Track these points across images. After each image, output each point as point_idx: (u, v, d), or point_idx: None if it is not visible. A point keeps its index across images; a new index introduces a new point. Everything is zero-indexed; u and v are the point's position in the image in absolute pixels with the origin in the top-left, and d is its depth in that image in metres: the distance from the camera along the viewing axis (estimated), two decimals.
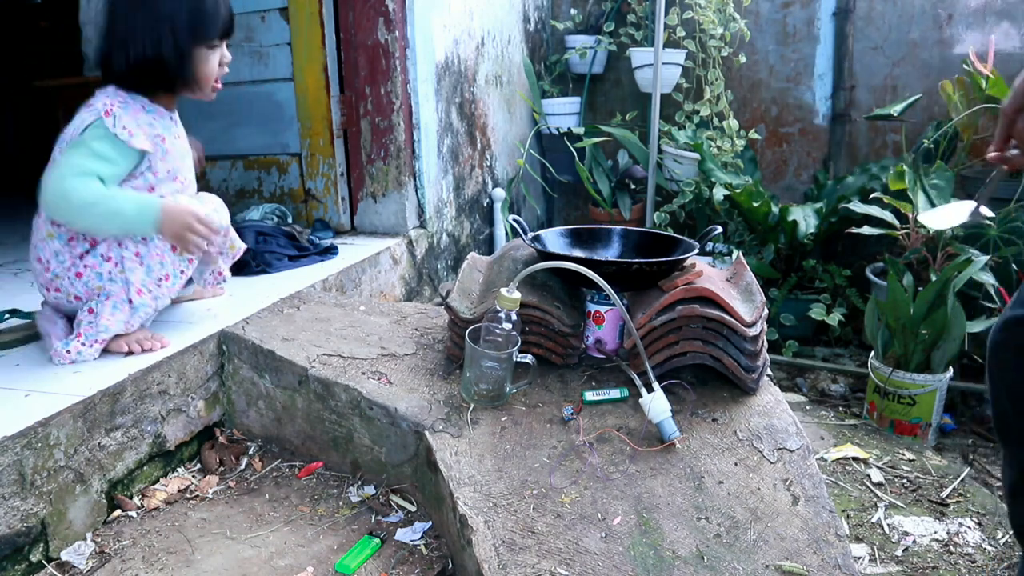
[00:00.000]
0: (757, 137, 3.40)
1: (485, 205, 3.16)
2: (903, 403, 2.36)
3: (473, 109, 2.98)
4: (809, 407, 2.49)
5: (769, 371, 1.53)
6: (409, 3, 2.44)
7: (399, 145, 2.51)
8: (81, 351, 1.50)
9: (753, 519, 1.15)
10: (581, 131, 3.36)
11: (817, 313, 2.78)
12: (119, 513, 1.38)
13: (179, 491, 1.47)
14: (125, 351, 1.52)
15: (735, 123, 3.24)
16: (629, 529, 1.15)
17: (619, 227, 1.78)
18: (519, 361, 1.41)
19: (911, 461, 2.01)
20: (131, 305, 1.52)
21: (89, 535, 1.32)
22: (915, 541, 1.63)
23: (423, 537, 1.34)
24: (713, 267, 1.68)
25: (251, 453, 1.62)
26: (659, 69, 2.90)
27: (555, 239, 1.72)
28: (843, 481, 1.89)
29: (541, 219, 3.75)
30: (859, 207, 2.81)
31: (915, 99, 2.95)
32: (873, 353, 2.47)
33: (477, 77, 2.99)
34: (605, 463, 1.28)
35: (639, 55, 3.35)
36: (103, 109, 1.46)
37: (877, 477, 1.91)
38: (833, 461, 1.99)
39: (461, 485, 1.24)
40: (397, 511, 1.42)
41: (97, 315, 1.50)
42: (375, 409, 1.46)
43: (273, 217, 2.51)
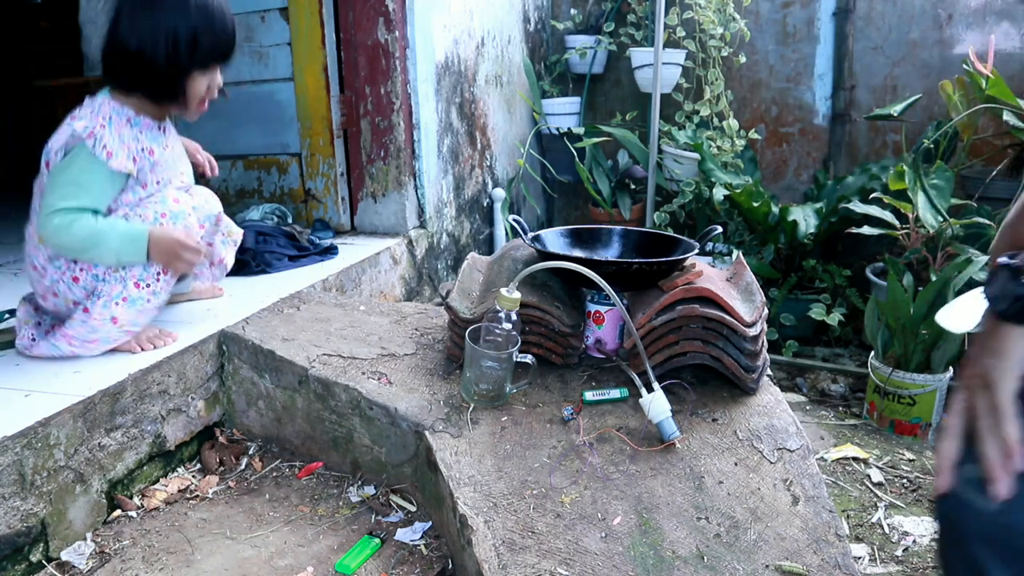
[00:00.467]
0: (757, 137, 3.40)
1: (485, 205, 3.16)
2: (903, 403, 2.36)
3: (473, 109, 2.97)
4: (809, 407, 2.49)
5: (769, 371, 1.53)
6: (409, 3, 2.44)
7: (399, 145, 2.51)
8: (59, 347, 1.49)
9: (753, 519, 1.15)
10: (581, 131, 3.36)
11: (817, 313, 2.78)
12: (119, 513, 1.38)
13: (179, 491, 1.47)
14: (137, 350, 1.53)
15: (735, 123, 3.24)
16: (629, 529, 1.15)
17: (619, 227, 1.78)
18: (519, 361, 1.41)
19: (911, 461, 2.01)
20: (126, 301, 1.52)
21: (89, 535, 1.32)
22: (915, 541, 1.63)
23: (423, 537, 1.34)
24: (713, 267, 1.68)
25: (251, 453, 1.62)
26: (659, 69, 2.90)
27: (555, 239, 1.72)
28: (843, 481, 1.89)
29: (541, 219, 3.75)
30: (859, 207, 2.81)
31: (915, 99, 2.95)
32: (873, 353, 2.47)
33: (477, 77, 2.99)
34: (605, 463, 1.28)
35: (639, 55, 3.35)
36: (85, 132, 1.45)
37: (877, 477, 1.91)
38: (833, 461, 2.00)
39: (461, 485, 1.24)
40: (397, 511, 1.42)
41: (90, 315, 1.50)
42: (375, 409, 1.46)
43: (273, 217, 2.51)
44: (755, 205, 2.94)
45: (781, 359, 2.83)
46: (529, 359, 1.42)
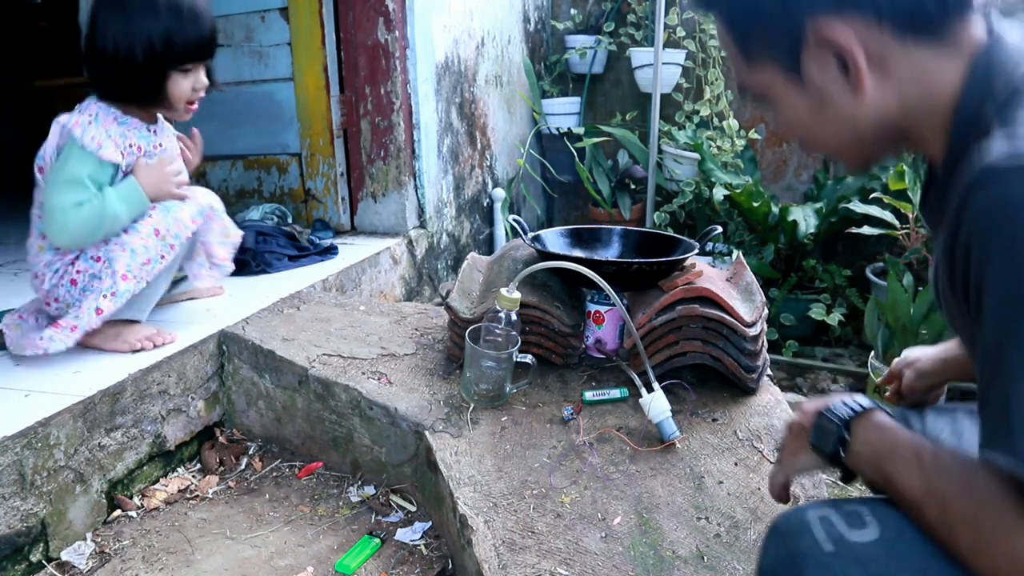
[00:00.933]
0: (757, 137, 3.40)
1: (485, 205, 3.16)
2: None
3: (473, 109, 2.97)
4: None
5: (769, 371, 1.53)
6: (409, 3, 2.44)
7: (399, 145, 2.51)
8: (54, 336, 1.48)
9: (753, 519, 1.15)
10: (581, 131, 3.36)
11: (817, 313, 2.78)
12: (119, 513, 1.38)
13: (179, 491, 1.47)
14: (135, 349, 1.52)
15: (735, 123, 3.24)
16: (629, 529, 1.15)
17: (619, 227, 1.78)
18: (519, 361, 1.41)
19: None
20: (114, 295, 1.51)
21: (89, 535, 1.32)
22: None
23: (423, 537, 1.34)
24: (713, 267, 1.68)
25: (251, 453, 1.62)
26: (659, 69, 2.90)
27: (555, 239, 1.72)
28: None
29: (541, 219, 3.75)
30: (859, 207, 2.81)
31: None
32: (873, 353, 2.47)
33: (477, 77, 2.99)
34: (605, 463, 1.28)
35: (639, 55, 3.35)
36: (71, 123, 1.48)
37: None
38: None
39: (461, 485, 1.24)
40: (397, 511, 1.42)
41: (77, 307, 1.51)
42: (375, 409, 1.46)
43: (273, 217, 2.51)
44: (755, 205, 2.94)
45: (781, 359, 2.83)
46: (529, 359, 1.42)
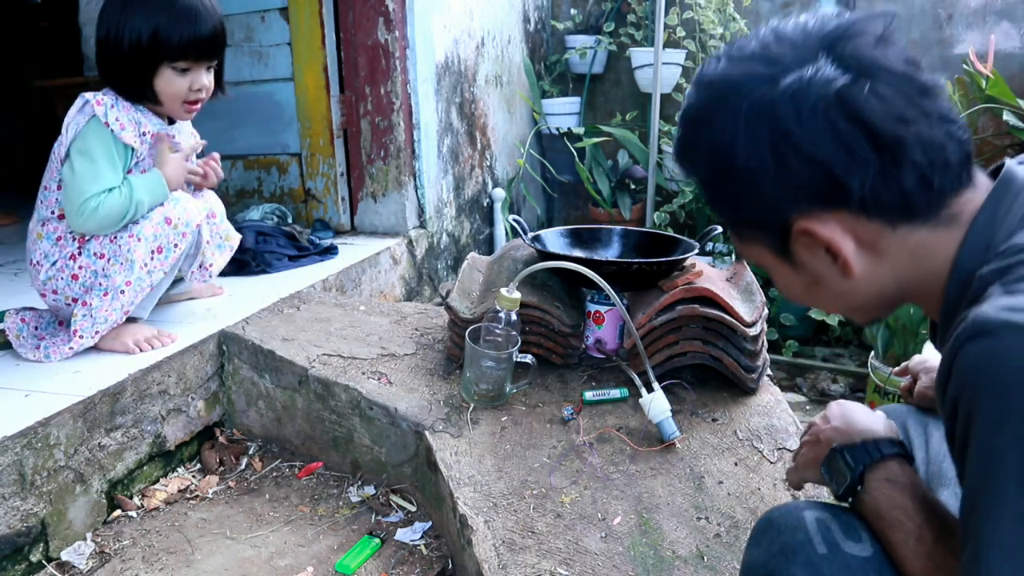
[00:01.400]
0: None
1: (485, 205, 3.16)
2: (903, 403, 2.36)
3: (473, 109, 2.97)
4: (809, 407, 2.49)
5: (769, 371, 1.53)
6: (409, 3, 2.44)
7: (399, 145, 2.51)
8: (82, 344, 1.51)
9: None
10: (581, 131, 3.36)
11: (817, 313, 2.78)
12: (119, 513, 1.38)
13: (179, 491, 1.47)
14: (135, 351, 1.52)
15: None
16: (629, 529, 1.15)
17: (619, 227, 1.78)
18: (519, 361, 1.41)
19: None
20: (129, 285, 1.52)
21: (89, 535, 1.32)
22: None
23: (423, 537, 1.34)
24: (713, 267, 1.68)
25: (251, 453, 1.62)
26: (659, 69, 2.90)
27: (555, 239, 1.72)
28: None
29: (541, 219, 3.75)
30: None
31: None
32: (873, 353, 2.47)
33: (477, 77, 2.99)
34: (605, 463, 1.28)
35: (639, 55, 3.34)
36: (95, 99, 1.49)
37: None
38: None
39: (461, 485, 1.24)
40: (397, 511, 1.42)
41: (91, 307, 1.51)
42: (375, 409, 1.46)
43: (273, 217, 2.51)
44: None
45: (781, 359, 2.83)
46: (529, 359, 1.42)
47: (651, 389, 1.32)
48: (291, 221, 2.54)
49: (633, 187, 3.50)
